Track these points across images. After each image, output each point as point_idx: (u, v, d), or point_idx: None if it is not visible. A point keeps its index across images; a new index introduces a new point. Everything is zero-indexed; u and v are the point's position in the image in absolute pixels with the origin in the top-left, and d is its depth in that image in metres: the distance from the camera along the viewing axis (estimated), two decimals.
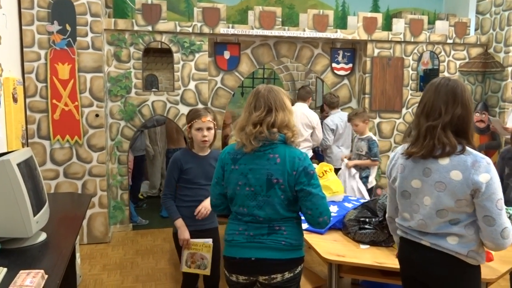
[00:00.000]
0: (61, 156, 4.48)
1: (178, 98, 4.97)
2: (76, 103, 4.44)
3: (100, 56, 4.51)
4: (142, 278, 3.81)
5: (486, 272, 2.08)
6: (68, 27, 4.36)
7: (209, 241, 2.72)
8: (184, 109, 4.97)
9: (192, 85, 4.99)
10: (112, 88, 4.77)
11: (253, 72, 6.60)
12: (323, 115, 5.79)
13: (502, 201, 1.69)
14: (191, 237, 2.70)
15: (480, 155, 1.71)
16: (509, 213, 2.62)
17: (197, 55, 4.96)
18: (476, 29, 5.96)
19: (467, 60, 5.70)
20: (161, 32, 4.83)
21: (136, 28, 4.73)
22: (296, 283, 1.96)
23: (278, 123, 1.90)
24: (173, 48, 4.90)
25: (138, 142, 5.64)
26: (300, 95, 5.09)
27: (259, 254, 1.90)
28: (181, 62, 4.94)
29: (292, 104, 2.66)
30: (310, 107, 5.19)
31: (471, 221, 1.73)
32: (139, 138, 5.66)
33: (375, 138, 4.40)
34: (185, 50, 4.92)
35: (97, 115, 4.53)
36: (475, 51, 5.72)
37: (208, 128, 2.66)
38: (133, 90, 4.84)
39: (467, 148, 1.72)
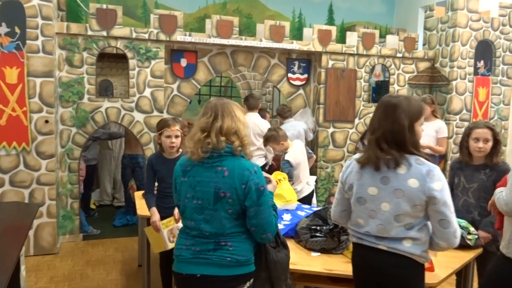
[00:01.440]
0: (7, 163, 4.29)
1: (133, 105, 4.89)
2: (25, 108, 4.28)
3: (51, 60, 4.37)
4: None
5: (429, 277, 2.18)
6: (17, 30, 4.21)
7: (175, 213, 2.97)
8: (139, 116, 4.90)
9: (147, 92, 4.92)
10: (63, 93, 4.63)
11: (210, 80, 6.60)
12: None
13: (452, 205, 1.88)
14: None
15: (432, 164, 1.88)
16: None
17: (153, 61, 4.91)
18: (424, 44, 6.26)
19: (415, 73, 5.97)
20: (116, 38, 4.75)
21: (90, 32, 4.63)
22: None
23: (225, 128, 1.88)
24: (129, 54, 4.83)
25: (92, 151, 5.50)
26: (251, 105, 5.11)
27: (204, 271, 1.87)
28: (137, 69, 4.87)
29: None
30: (262, 114, 5.25)
31: (422, 225, 1.91)
32: (92, 147, 5.52)
33: (289, 157, 3.89)
34: (140, 57, 4.85)
35: (46, 121, 4.37)
36: (423, 65, 6.00)
37: (176, 136, 3.05)
38: (86, 96, 4.71)
39: (420, 158, 1.89)
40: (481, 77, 5.82)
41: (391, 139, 1.88)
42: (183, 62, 5.17)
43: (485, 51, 5.83)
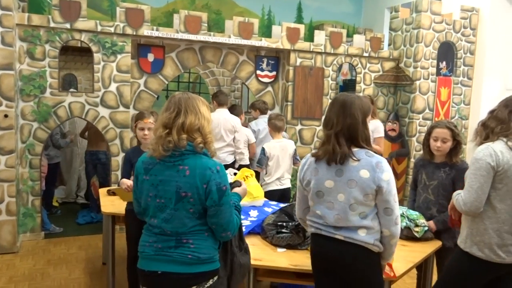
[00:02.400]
0: None
1: (98, 100, 4.78)
2: None
3: (11, 53, 4.21)
4: None
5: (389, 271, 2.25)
6: None
7: None
8: (104, 112, 4.79)
9: (113, 87, 4.82)
10: (24, 87, 4.47)
11: (178, 75, 6.53)
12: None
13: (397, 194, 2.03)
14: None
15: (379, 157, 2.02)
16: (404, 212, 2.85)
17: (119, 56, 4.81)
18: (389, 44, 6.40)
19: (381, 72, 6.10)
20: (80, 31, 4.62)
21: (52, 24, 4.48)
22: None
23: (187, 125, 1.85)
24: (93, 48, 4.71)
25: (54, 150, 5.33)
26: (221, 101, 5.09)
27: (165, 268, 1.85)
28: (102, 63, 4.75)
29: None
30: (238, 111, 5.23)
31: (374, 213, 2.03)
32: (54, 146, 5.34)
33: (266, 146, 4.18)
34: (106, 51, 4.74)
35: (6, 116, 4.21)
36: (388, 65, 6.14)
37: (149, 128, 3.03)
38: (48, 90, 4.57)
39: (369, 151, 2.03)
40: (443, 78, 6.01)
41: (347, 134, 2.01)
42: (150, 57, 5.09)
43: (447, 52, 6.02)
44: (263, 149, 4.19)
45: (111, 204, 3.52)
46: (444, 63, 6.02)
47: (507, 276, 2.15)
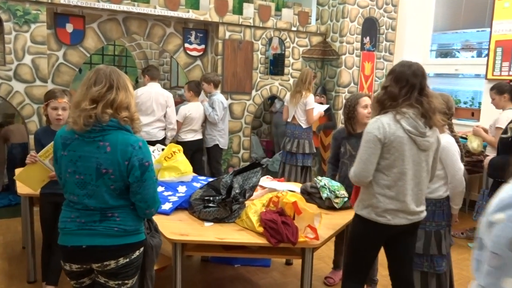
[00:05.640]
0: None
1: (11, 73, 4.41)
2: None
3: None
4: None
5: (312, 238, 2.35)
6: None
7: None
8: (19, 86, 4.45)
9: (27, 59, 4.47)
10: None
11: (102, 48, 6.21)
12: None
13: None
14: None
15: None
16: (326, 183, 2.97)
17: (33, 26, 4.45)
18: (317, 19, 6.51)
19: (309, 47, 6.21)
20: None
21: None
22: (134, 268, 1.91)
23: (118, 102, 1.80)
24: (3, 16, 4.31)
25: None
26: (153, 75, 4.94)
27: (90, 241, 1.82)
28: (14, 33, 4.38)
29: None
30: (165, 86, 5.10)
31: None
32: None
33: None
34: (18, 20, 4.36)
35: None
36: (315, 39, 6.25)
37: (63, 108, 2.84)
38: None
39: None
40: (367, 52, 6.25)
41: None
42: (69, 28, 4.77)
43: (370, 28, 6.24)
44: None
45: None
46: (367, 38, 6.25)
47: (400, 235, 2.31)
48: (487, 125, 4.23)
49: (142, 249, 1.95)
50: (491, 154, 3.77)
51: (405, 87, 2.16)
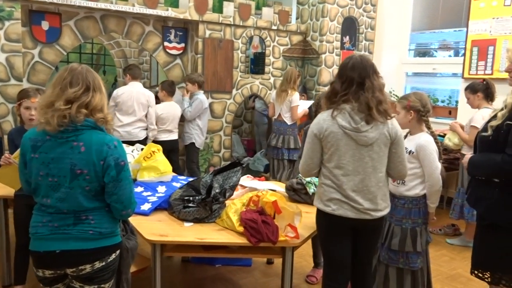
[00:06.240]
0: None
1: None
2: None
3: None
4: None
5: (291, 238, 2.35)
6: None
7: None
8: None
9: (2, 57, 4.36)
10: None
11: (79, 46, 6.10)
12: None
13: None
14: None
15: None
16: (311, 179, 2.99)
17: (7, 23, 4.33)
18: (297, 18, 6.52)
19: (289, 46, 6.22)
20: None
21: None
22: (110, 271, 1.87)
23: (93, 104, 1.78)
24: None
25: None
26: (134, 74, 4.86)
27: (64, 246, 1.77)
28: None
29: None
30: (145, 85, 5.04)
31: None
32: None
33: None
34: None
35: None
36: (296, 38, 6.27)
37: (36, 108, 2.73)
38: None
39: None
40: (346, 52, 6.29)
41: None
42: (45, 25, 4.66)
43: (350, 27, 6.29)
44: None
45: (2, 186, 3.22)
46: (347, 37, 6.29)
47: (361, 234, 2.29)
48: (464, 123, 4.31)
49: (118, 252, 1.91)
50: (466, 152, 3.84)
51: (345, 82, 2.18)
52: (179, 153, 5.23)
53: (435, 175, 2.54)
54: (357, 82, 2.15)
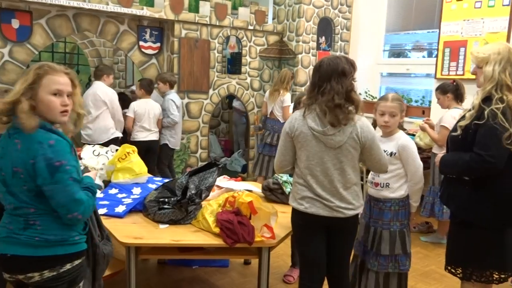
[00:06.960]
0: None
1: None
2: None
3: None
4: None
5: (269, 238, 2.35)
6: None
7: None
8: None
9: None
10: None
11: (52, 45, 5.97)
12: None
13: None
14: None
15: None
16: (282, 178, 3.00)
17: None
18: (273, 18, 6.53)
19: (266, 46, 6.22)
20: None
21: None
22: (66, 282, 1.74)
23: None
24: None
25: None
26: (96, 74, 4.81)
27: (14, 251, 1.70)
28: None
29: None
30: (120, 85, 4.96)
31: None
32: None
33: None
34: None
35: None
36: (272, 39, 6.28)
37: None
38: None
39: None
40: (322, 52, 6.33)
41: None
42: (15, 24, 4.54)
43: (326, 28, 6.34)
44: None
45: None
46: (323, 38, 6.34)
47: (335, 233, 2.29)
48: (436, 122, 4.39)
49: (77, 262, 1.78)
50: (437, 151, 3.92)
51: (311, 85, 2.24)
52: (156, 154, 5.16)
53: (419, 173, 2.56)
54: (318, 86, 2.17)
